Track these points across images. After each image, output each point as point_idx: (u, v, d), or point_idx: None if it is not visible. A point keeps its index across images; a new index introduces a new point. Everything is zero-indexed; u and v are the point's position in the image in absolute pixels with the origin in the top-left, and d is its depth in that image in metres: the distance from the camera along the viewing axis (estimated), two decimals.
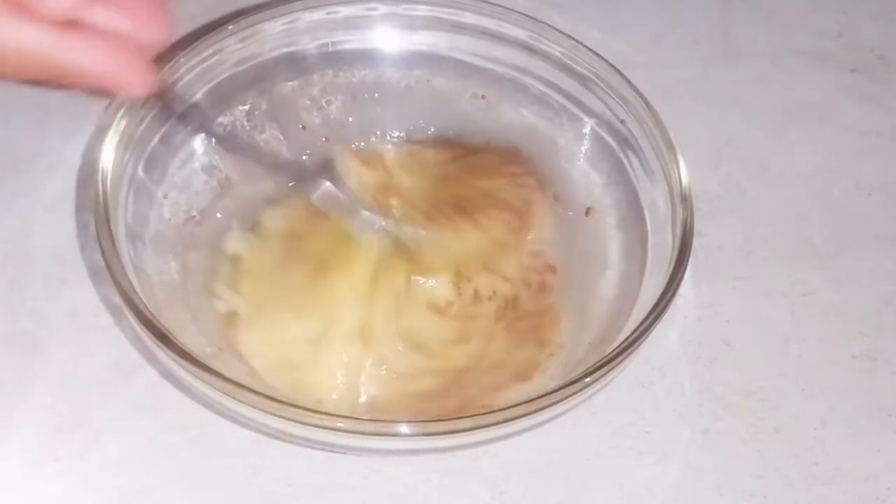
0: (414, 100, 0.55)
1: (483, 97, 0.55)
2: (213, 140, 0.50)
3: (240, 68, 0.52)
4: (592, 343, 0.47)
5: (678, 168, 0.47)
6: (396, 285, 0.48)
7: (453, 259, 0.49)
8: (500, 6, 0.53)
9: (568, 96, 0.53)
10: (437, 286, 0.48)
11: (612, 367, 0.41)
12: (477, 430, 0.39)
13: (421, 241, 0.50)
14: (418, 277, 0.48)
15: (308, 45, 0.53)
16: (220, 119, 0.52)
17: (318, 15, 0.53)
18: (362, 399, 0.46)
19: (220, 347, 0.46)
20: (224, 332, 0.47)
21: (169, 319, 0.42)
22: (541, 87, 0.53)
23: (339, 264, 0.48)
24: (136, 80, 0.38)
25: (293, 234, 0.50)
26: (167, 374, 0.47)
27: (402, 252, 0.49)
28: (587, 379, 0.41)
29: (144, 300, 0.41)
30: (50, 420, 0.46)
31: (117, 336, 0.49)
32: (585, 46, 0.51)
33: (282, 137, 0.54)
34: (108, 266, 0.42)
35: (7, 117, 0.57)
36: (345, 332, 0.46)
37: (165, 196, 0.49)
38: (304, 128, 0.54)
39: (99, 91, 0.39)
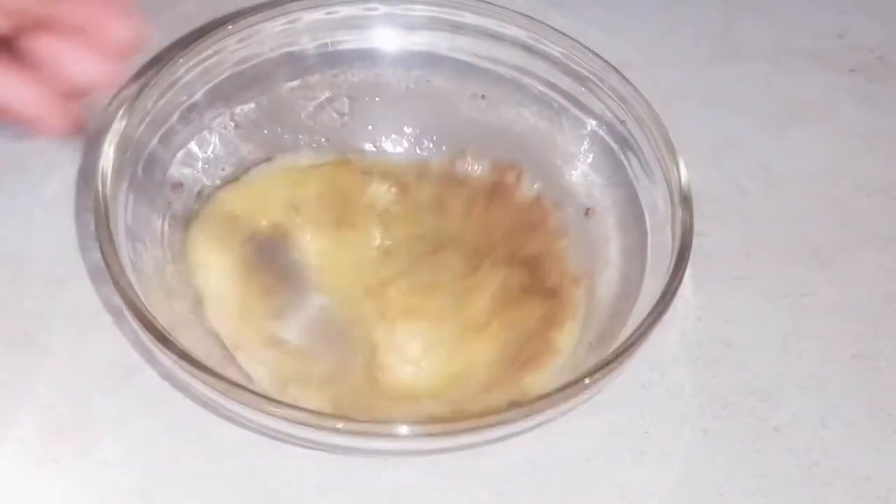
0: (414, 100, 0.55)
1: (483, 97, 0.55)
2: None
3: (240, 68, 0.52)
4: (592, 343, 0.47)
5: (678, 168, 0.47)
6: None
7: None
8: (500, 6, 0.53)
9: (568, 96, 0.53)
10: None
11: (612, 368, 0.41)
12: (477, 431, 0.40)
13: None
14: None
15: (308, 45, 0.53)
16: (219, 119, 0.52)
17: (318, 15, 0.52)
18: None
19: (221, 347, 0.46)
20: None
21: (169, 319, 0.42)
22: (541, 87, 0.53)
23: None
24: (54, 120, 0.37)
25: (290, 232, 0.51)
26: (167, 374, 0.47)
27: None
28: (587, 380, 0.41)
29: (144, 300, 0.41)
30: (50, 420, 0.46)
31: (117, 336, 0.49)
32: (585, 46, 0.51)
33: (279, 138, 0.54)
34: (108, 266, 0.42)
35: None
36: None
37: (165, 196, 0.49)
38: (304, 128, 0.54)
39: (18, 124, 0.37)
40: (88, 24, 0.36)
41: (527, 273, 0.50)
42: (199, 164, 0.51)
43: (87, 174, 0.54)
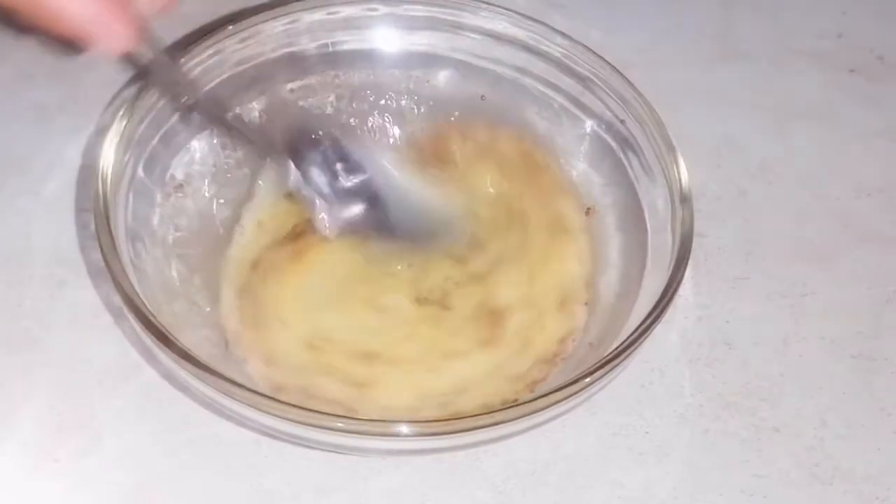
0: (414, 100, 0.55)
1: (483, 97, 0.55)
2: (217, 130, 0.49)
3: (240, 68, 0.52)
4: (592, 343, 0.47)
5: (678, 168, 0.47)
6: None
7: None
8: (500, 6, 0.53)
9: (568, 96, 0.53)
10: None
11: (612, 368, 0.41)
12: (477, 430, 0.39)
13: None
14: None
15: (308, 45, 0.53)
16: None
17: (318, 15, 0.53)
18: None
19: (221, 347, 0.46)
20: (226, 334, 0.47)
21: (169, 319, 0.42)
22: (541, 87, 0.53)
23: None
24: (114, 33, 0.37)
25: (290, 233, 0.51)
26: (167, 374, 0.47)
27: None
28: (587, 379, 0.41)
29: (144, 300, 0.41)
30: (50, 420, 0.46)
31: (117, 336, 0.49)
32: (585, 46, 0.51)
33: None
34: (108, 266, 0.42)
35: (7, 117, 0.57)
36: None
37: (166, 196, 0.49)
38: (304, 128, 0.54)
39: (71, 39, 0.36)
40: None
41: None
42: (200, 165, 0.51)
43: (87, 174, 0.54)
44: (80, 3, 0.35)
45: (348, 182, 0.49)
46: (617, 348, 0.42)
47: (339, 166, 0.49)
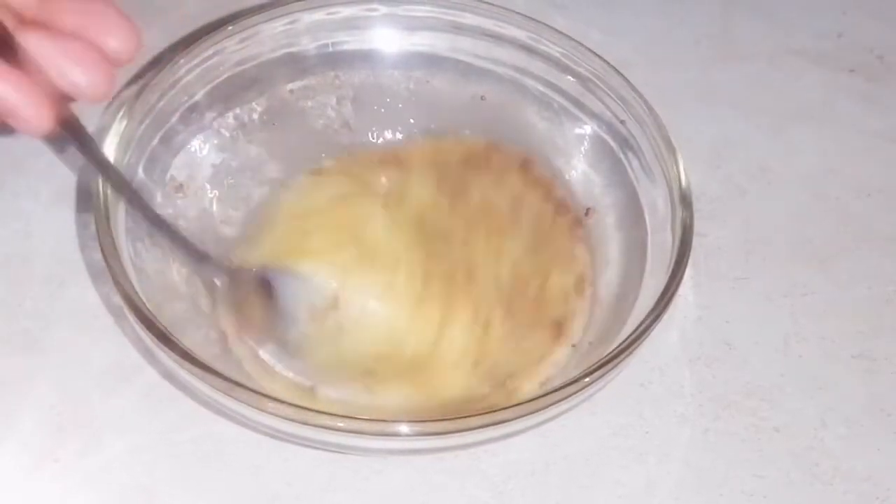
0: (414, 101, 0.55)
1: (483, 97, 0.55)
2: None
3: (240, 69, 0.52)
4: (592, 343, 0.47)
5: (678, 168, 0.47)
6: None
7: None
8: (500, 6, 0.53)
9: (568, 96, 0.53)
10: None
11: (612, 367, 0.41)
12: (477, 430, 0.40)
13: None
14: None
15: (308, 45, 0.53)
16: (220, 120, 0.52)
17: (318, 15, 0.53)
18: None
19: (221, 347, 0.46)
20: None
21: (169, 319, 0.42)
22: (541, 87, 0.53)
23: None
24: (33, 116, 0.35)
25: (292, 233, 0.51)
26: (167, 374, 0.47)
27: None
28: (587, 379, 0.41)
29: (144, 300, 0.41)
30: (50, 420, 0.46)
31: (117, 336, 0.49)
32: (585, 46, 0.51)
33: (280, 139, 0.54)
34: (108, 266, 0.42)
35: None
36: None
37: (166, 196, 0.49)
38: (303, 129, 0.54)
39: None
40: (85, 30, 0.36)
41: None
42: (200, 165, 0.51)
43: (87, 174, 0.54)
44: None
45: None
46: (617, 348, 0.42)
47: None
